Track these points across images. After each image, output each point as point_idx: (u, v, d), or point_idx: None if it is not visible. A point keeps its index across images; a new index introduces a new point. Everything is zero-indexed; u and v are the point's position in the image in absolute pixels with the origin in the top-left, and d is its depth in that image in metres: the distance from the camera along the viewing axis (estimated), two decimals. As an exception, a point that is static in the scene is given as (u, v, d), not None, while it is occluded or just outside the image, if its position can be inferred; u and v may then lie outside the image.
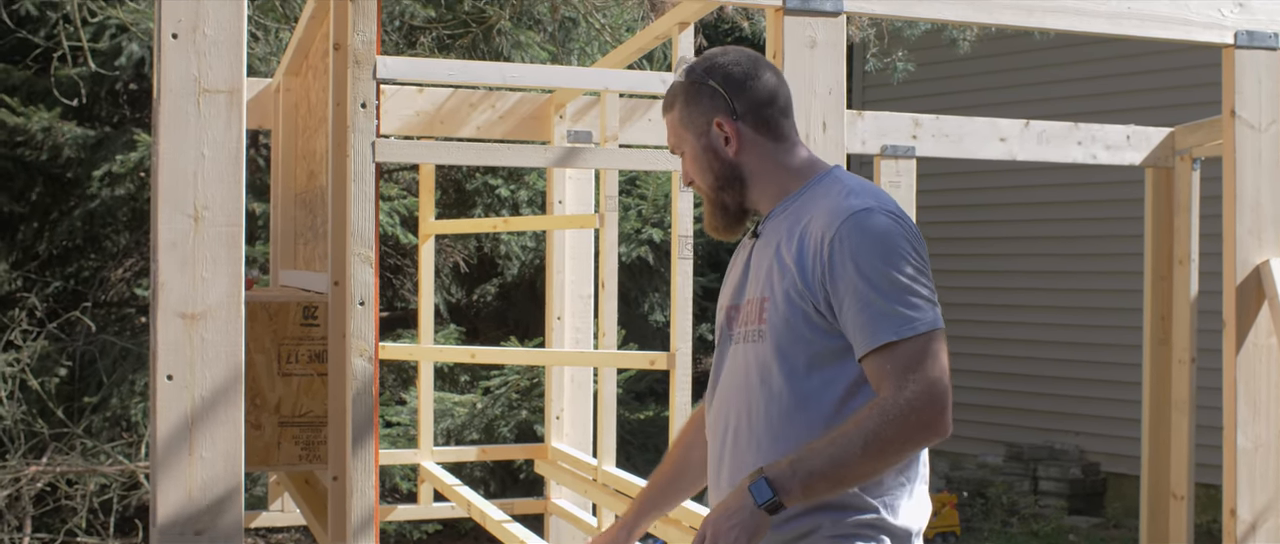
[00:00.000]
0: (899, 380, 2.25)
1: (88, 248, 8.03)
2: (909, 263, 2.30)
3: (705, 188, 2.55)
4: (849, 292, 2.30)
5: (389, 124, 5.08)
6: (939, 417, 2.25)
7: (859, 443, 2.24)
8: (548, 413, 5.39)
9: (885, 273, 2.28)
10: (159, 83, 2.93)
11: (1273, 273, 3.91)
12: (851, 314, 2.30)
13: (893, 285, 2.28)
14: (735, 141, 2.50)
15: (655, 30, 4.21)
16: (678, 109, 2.55)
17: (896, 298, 2.27)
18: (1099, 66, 9.96)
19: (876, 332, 2.27)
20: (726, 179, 2.52)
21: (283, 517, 5.27)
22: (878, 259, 2.29)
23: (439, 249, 8.39)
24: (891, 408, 2.24)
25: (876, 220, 2.32)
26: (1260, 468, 3.92)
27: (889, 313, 2.27)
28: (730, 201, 2.53)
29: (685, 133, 2.54)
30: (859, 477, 2.29)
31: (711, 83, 2.51)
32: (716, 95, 2.50)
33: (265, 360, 3.61)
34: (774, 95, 2.53)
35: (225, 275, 2.95)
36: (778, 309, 2.39)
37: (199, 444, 2.94)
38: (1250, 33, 3.93)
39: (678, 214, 4.09)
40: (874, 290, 2.28)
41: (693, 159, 2.55)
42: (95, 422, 7.19)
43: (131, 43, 7.16)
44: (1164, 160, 5.65)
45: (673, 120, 2.57)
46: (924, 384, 2.24)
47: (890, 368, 2.26)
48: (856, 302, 2.29)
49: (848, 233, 2.31)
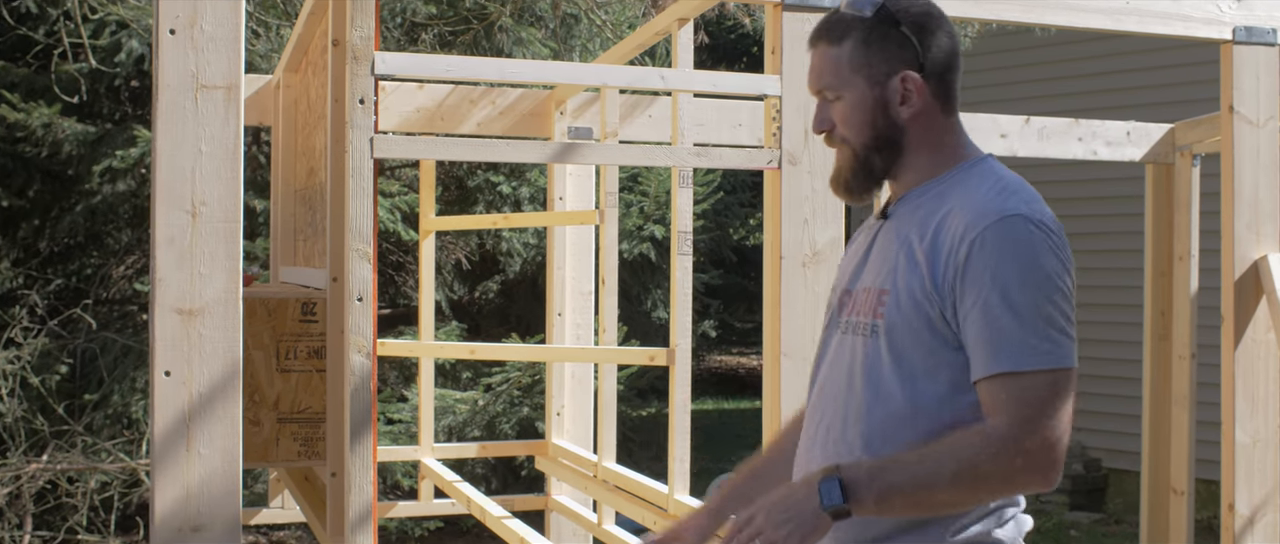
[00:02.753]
0: (1014, 415, 1.99)
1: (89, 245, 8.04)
2: (1056, 287, 2.04)
3: (856, 143, 2.21)
4: (978, 304, 2.03)
5: (389, 120, 5.08)
6: (1050, 468, 1.99)
7: (950, 469, 1.99)
8: (548, 409, 5.39)
9: (1025, 293, 2.02)
10: (157, 79, 2.93)
11: (1270, 268, 3.91)
12: (976, 330, 2.03)
13: (1031, 309, 2.01)
14: (917, 103, 2.19)
15: (655, 26, 4.21)
16: (850, 47, 2.19)
17: (1031, 323, 2.01)
18: (1100, 63, 9.95)
19: (999, 355, 2.01)
20: (886, 141, 2.20)
21: (283, 513, 5.27)
22: (1020, 275, 2.02)
23: (441, 246, 8.40)
24: (998, 441, 1.99)
25: (1028, 231, 2.05)
26: (1258, 463, 3.92)
27: (1019, 339, 2.00)
28: (878, 166, 2.21)
29: (853, 76, 2.19)
30: (941, 505, 2.04)
31: (904, 29, 2.18)
32: (907, 45, 2.18)
33: (264, 357, 3.62)
34: (958, 59, 2.23)
35: (223, 271, 2.95)
36: (899, 307, 2.11)
37: (197, 440, 2.95)
38: (1249, 29, 3.92)
39: (677, 210, 4.09)
40: (1008, 310, 2.01)
41: (853, 107, 2.20)
42: (96, 419, 7.19)
43: (131, 39, 7.17)
44: (1164, 156, 5.65)
45: (837, 57, 2.20)
46: (1041, 427, 1.99)
47: (1005, 398, 2.00)
48: (984, 317, 2.02)
49: (992, 238, 2.04)
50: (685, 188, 4.10)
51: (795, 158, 3.40)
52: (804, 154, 3.40)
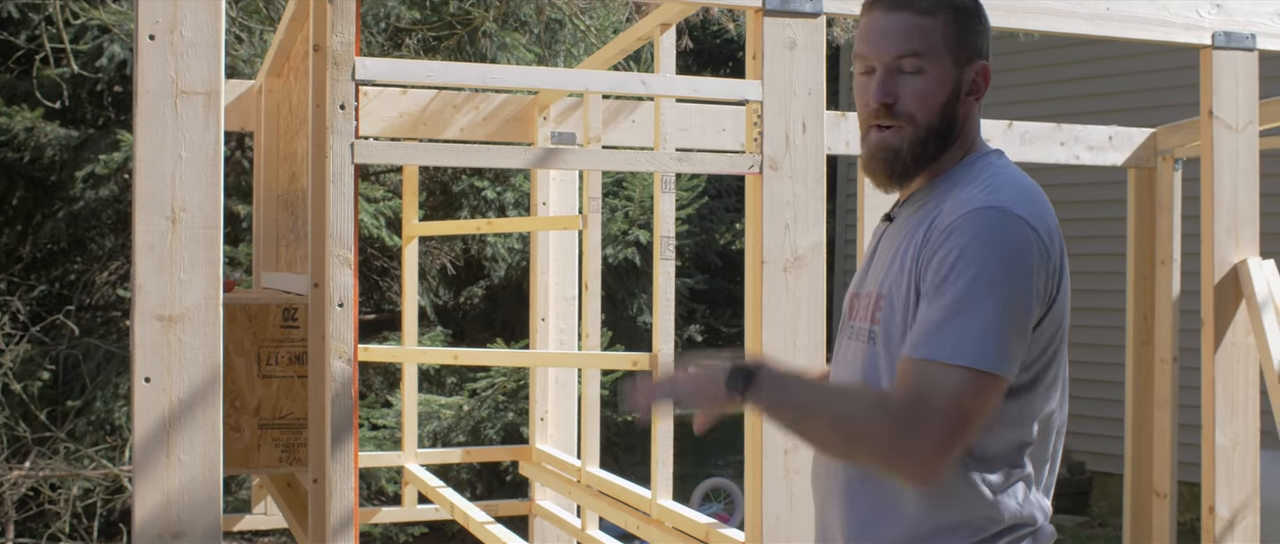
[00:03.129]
0: (911, 393, 1.94)
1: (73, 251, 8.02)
2: (1011, 284, 1.95)
3: (924, 121, 2.11)
4: (929, 290, 1.99)
5: (373, 126, 5.07)
6: (922, 461, 1.91)
7: (835, 412, 1.99)
8: (532, 414, 5.39)
9: (971, 283, 1.94)
10: (137, 84, 2.93)
11: (1250, 272, 3.93)
12: (919, 312, 1.99)
13: (971, 304, 1.93)
14: (979, 96, 2.13)
15: (637, 31, 4.21)
16: (943, 23, 2.09)
17: (967, 319, 1.93)
18: (1082, 68, 9.99)
19: (922, 343, 1.96)
20: (949, 128, 2.11)
21: (267, 520, 5.26)
22: (978, 264, 1.94)
23: (426, 251, 8.39)
24: (883, 411, 1.95)
25: (1003, 222, 1.97)
26: (1238, 465, 3.93)
27: (948, 331, 1.93)
28: (933, 151, 2.12)
29: (943, 53, 2.10)
30: (816, 442, 2.06)
31: (985, 19, 2.14)
32: (985, 36, 2.13)
33: (245, 363, 3.61)
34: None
35: (203, 277, 2.95)
36: (894, 311, 2.07)
37: (177, 447, 2.94)
38: (1228, 34, 3.94)
39: (660, 215, 4.10)
40: (951, 300, 1.95)
41: (937, 84, 2.10)
42: (79, 425, 7.17)
43: (113, 44, 7.16)
44: (1146, 161, 5.67)
45: (929, 28, 2.09)
46: (931, 418, 1.91)
47: (912, 378, 1.95)
48: (929, 302, 1.98)
49: (961, 228, 1.98)
50: (667, 193, 4.10)
51: (776, 163, 3.40)
52: (785, 159, 3.41)
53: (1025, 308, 1.97)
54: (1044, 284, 2.01)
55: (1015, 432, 2.07)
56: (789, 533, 3.40)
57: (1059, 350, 2.11)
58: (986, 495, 2.06)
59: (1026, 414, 2.07)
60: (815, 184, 3.44)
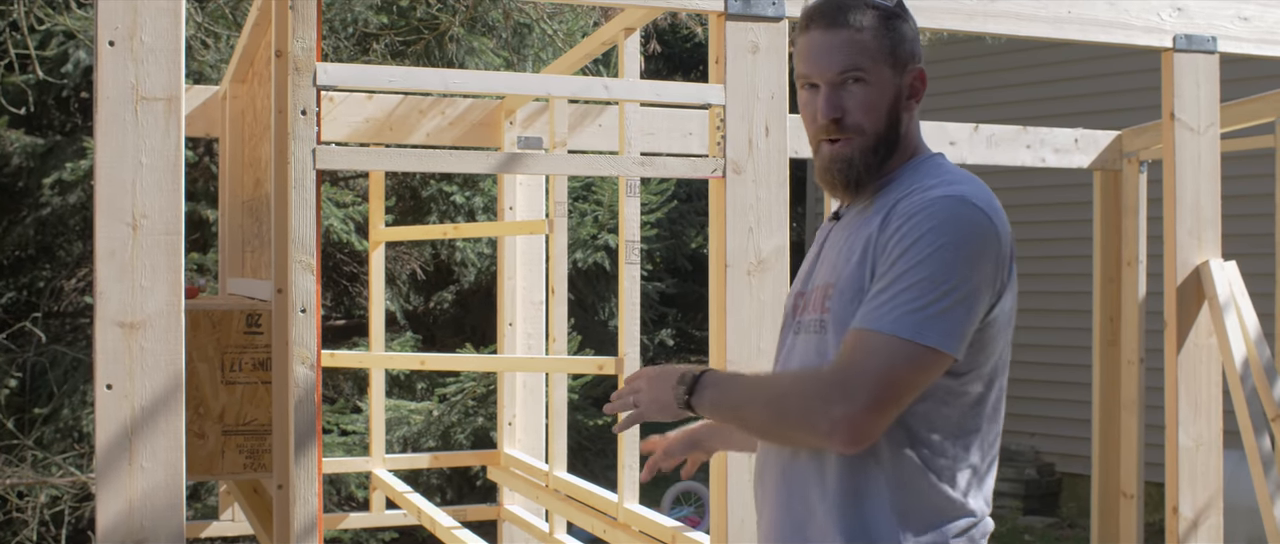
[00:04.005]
0: (841, 362, 2.00)
1: (40, 257, 7.96)
2: (962, 266, 2.00)
3: (872, 131, 2.18)
4: (885, 265, 2.05)
5: (339, 131, 5.06)
6: (846, 422, 1.96)
7: (767, 395, 2.08)
8: (500, 419, 5.38)
9: (927, 262, 2.00)
10: (97, 91, 2.91)
11: (1212, 274, 3.95)
12: (872, 287, 2.06)
13: (916, 280, 2.00)
14: (917, 102, 2.20)
15: (602, 35, 4.21)
16: (875, 35, 2.16)
17: (911, 293, 1.99)
18: (1047, 70, 10.05)
19: (864, 314, 2.02)
20: (893, 135, 2.19)
21: (233, 526, 5.24)
22: (933, 245, 2.01)
23: (396, 256, 8.37)
24: (813, 380, 2.02)
25: (962, 209, 2.04)
26: (1202, 466, 3.96)
27: (891, 305, 1.99)
28: (881, 157, 2.19)
29: (881, 62, 2.17)
30: (755, 428, 2.14)
31: (914, 24, 2.20)
32: (916, 40, 2.19)
33: (209, 369, 3.59)
34: None
35: (164, 284, 2.93)
36: (842, 297, 2.12)
37: (139, 454, 2.92)
38: (1188, 36, 3.97)
39: (625, 219, 4.10)
40: (898, 278, 2.01)
41: (879, 93, 2.17)
42: (46, 433, 7.12)
43: (79, 50, 7.12)
44: (1112, 163, 5.71)
45: (863, 41, 2.16)
46: (860, 382, 1.96)
47: (848, 349, 2.01)
48: (880, 281, 2.04)
49: (925, 210, 2.04)
50: (632, 197, 4.11)
51: (739, 167, 3.41)
52: (748, 163, 3.42)
53: (975, 292, 2.02)
54: (994, 273, 2.06)
55: (963, 418, 2.11)
56: (754, 536, 3.40)
57: (1008, 345, 2.16)
58: (935, 486, 2.09)
59: (972, 401, 2.11)
60: (778, 188, 3.45)
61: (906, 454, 2.08)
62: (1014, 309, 2.15)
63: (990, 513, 2.19)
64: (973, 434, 2.12)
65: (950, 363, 2.02)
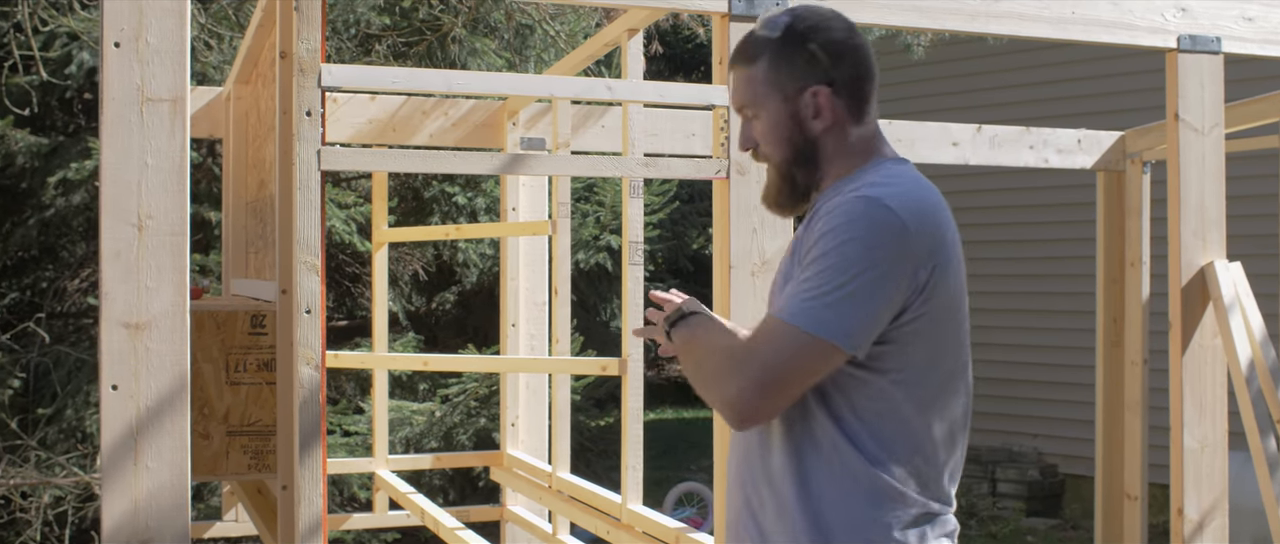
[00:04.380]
0: (747, 342, 2.14)
1: (44, 258, 7.97)
2: (849, 257, 2.08)
3: (777, 159, 2.31)
4: (803, 263, 2.16)
5: (342, 132, 5.06)
6: (732, 400, 2.10)
7: (702, 354, 2.22)
8: (503, 420, 5.38)
9: (833, 256, 2.09)
10: (102, 92, 2.92)
11: (1217, 274, 3.95)
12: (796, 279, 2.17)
13: (828, 270, 2.09)
14: (827, 116, 2.26)
15: (605, 37, 4.22)
16: (763, 67, 2.28)
17: (814, 286, 2.09)
18: (1050, 71, 10.05)
19: (776, 305, 2.17)
20: (804, 155, 2.29)
21: (237, 527, 5.24)
22: (840, 241, 2.09)
23: (399, 257, 8.38)
24: (725, 356, 2.15)
25: (869, 209, 2.11)
26: (1207, 467, 3.96)
27: (799, 296, 2.10)
28: (801, 179, 2.31)
29: (768, 95, 2.28)
30: (690, 379, 2.27)
31: (813, 46, 2.26)
32: (815, 61, 2.26)
33: (213, 370, 3.60)
34: (870, 73, 2.30)
35: (170, 285, 2.94)
36: (774, 293, 2.32)
37: (144, 454, 2.93)
38: (1193, 37, 3.97)
39: (629, 220, 4.10)
40: (815, 265, 2.11)
41: (770, 125, 2.29)
42: (50, 433, 7.13)
43: (83, 51, 7.12)
44: (1115, 164, 5.71)
45: (752, 77, 2.29)
46: (758, 361, 2.09)
47: (754, 332, 2.16)
48: (798, 274, 2.16)
49: (836, 211, 2.13)
50: (636, 198, 4.11)
51: (743, 168, 3.41)
52: (752, 164, 3.42)
53: (878, 288, 2.09)
54: (909, 270, 2.11)
55: (895, 413, 2.17)
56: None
57: (947, 344, 2.20)
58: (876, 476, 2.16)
59: (903, 398, 2.17)
60: (783, 188, 3.44)
61: (842, 444, 2.16)
62: (952, 311, 2.19)
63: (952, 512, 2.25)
64: (909, 430, 2.18)
65: (842, 355, 2.10)
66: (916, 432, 2.18)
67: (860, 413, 2.16)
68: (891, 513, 2.16)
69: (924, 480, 2.19)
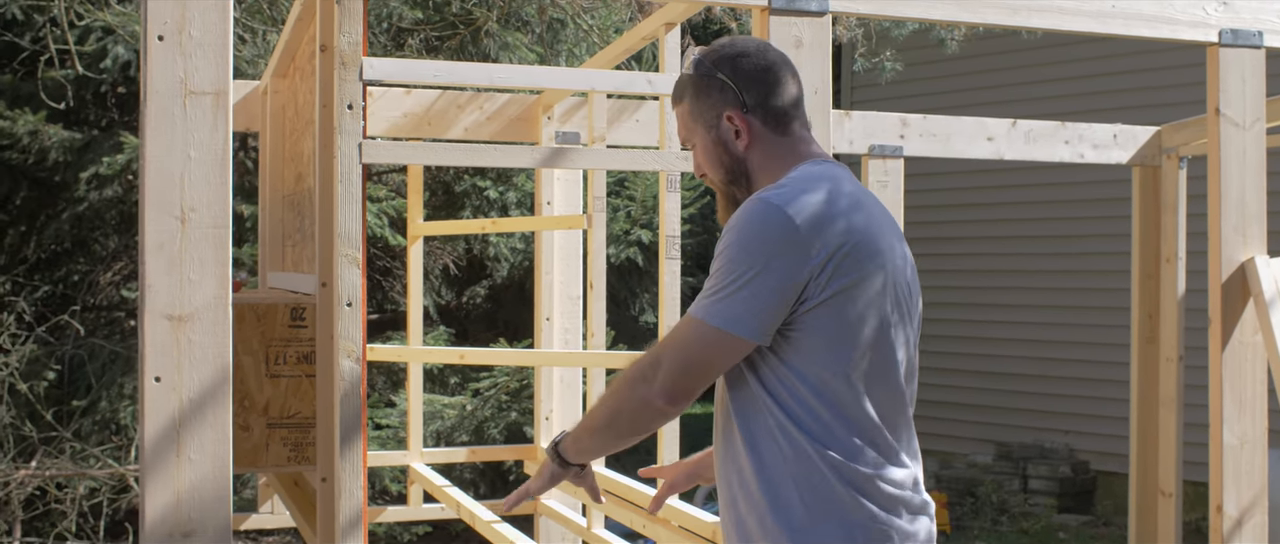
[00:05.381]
0: (651, 349, 2.35)
1: (77, 251, 8.02)
2: (752, 255, 2.26)
3: (717, 181, 2.54)
4: (712, 267, 2.36)
5: (377, 125, 5.08)
6: (649, 396, 2.28)
7: (604, 410, 2.38)
8: (537, 414, 5.39)
9: (724, 255, 2.30)
10: (145, 85, 2.93)
11: (1258, 270, 3.92)
12: None
13: (720, 268, 2.30)
14: (746, 135, 2.47)
15: (642, 31, 4.21)
16: (687, 102, 2.53)
17: (713, 283, 2.30)
18: (1086, 66, 9.99)
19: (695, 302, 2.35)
20: (735, 173, 2.51)
21: (272, 519, 5.26)
22: (728, 241, 2.30)
23: (429, 251, 8.39)
24: (629, 373, 2.34)
25: (750, 209, 2.31)
26: (1246, 464, 3.93)
27: (705, 290, 2.32)
28: (740, 195, 2.51)
29: (695, 126, 2.52)
30: (609, 440, 2.43)
31: (720, 75, 2.48)
32: (726, 88, 2.47)
33: (253, 362, 3.61)
34: (781, 87, 2.49)
35: (212, 277, 2.95)
36: None
37: (187, 446, 2.94)
38: (1234, 31, 3.94)
39: (665, 214, 4.10)
40: (713, 266, 2.33)
41: (704, 152, 2.53)
42: (84, 425, 7.17)
43: (117, 45, 7.16)
44: (1151, 159, 5.67)
45: (682, 113, 2.55)
46: (665, 358, 2.29)
47: (668, 334, 2.37)
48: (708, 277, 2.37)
49: (736, 218, 2.34)
50: (673, 192, 4.11)
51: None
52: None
53: (767, 278, 2.25)
54: (799, 259, 2.25)
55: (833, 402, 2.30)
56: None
57: (864, 324, 2.31)
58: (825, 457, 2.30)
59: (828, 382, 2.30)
60: (822, 183, 3.43)
61: (789, 427, 2.31)
62: (867, 293, 2.30)
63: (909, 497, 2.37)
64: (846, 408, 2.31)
65: (745, 344, 2.28)
66: (853, 409, 2.31)
67: (797, 397, 2.31)
68: (848, 490, 2.30)
69: (879, 453, 2.33)
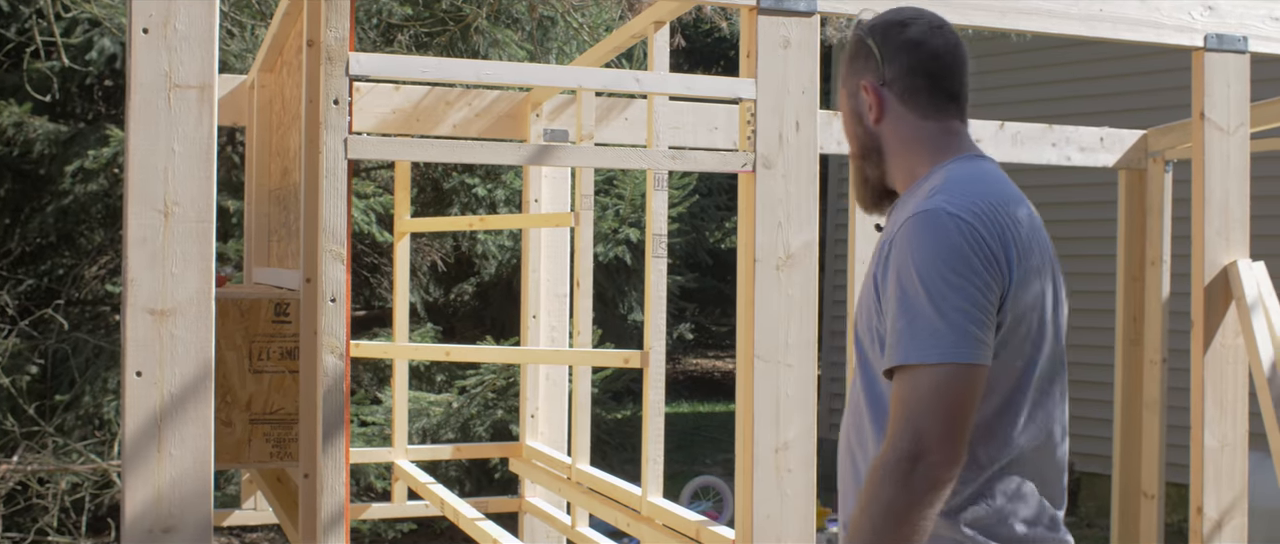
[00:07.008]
0: (894, 424, 2.03)
1: (61, 245, 7.99)
2: (950, 276, 2.04)
3: (851, 153, 2.39)
4: (887, 299, 2.11)
5: (365, 121, 5.07)
6: (939, 456, 1.99)
7: (871, 525, 2.02)
8: (522, 411, 5.39)
9: (914, 284, 2.05)
10: (130, 78, 2.92)
11: (1240, 274, 3.94)
12: (887, 323, 2.11)
13: (917, 300, 2.04)
14: (876, 109, 2.30)
15: (631, 29, 4.21)
16: (843, 65, 2.38)
17: (916, 315, 2.04)
18: (1073, 69, 10.01)
19: (893, 350, 2.07)
20: (867, 148, 2.34)
21: (256, 515, 5.25)
22: (915, 266, 2.05)
23: (417, 248, 8.38)
24: (885, 467, 2.02)
25: (934, 222, 2.07)
26: (1227, 466, 3.95)
27: (904, 332, 2.04)
28: (871, 174, 2.35)
29: (842, 90, 2.37)
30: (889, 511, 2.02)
31: (870, 42, 2.31)
32: (871, 57, 2.31)
33: (236, 357, 3.60)
34: (931, 65, 2.28)
35: (195, 272, 2.94)
36: (860, 317, 2.24)
37: (168, 441, 2.93)
38: (1219, 36, 3.95)
39: (653, 213, 4.10)
40: (901, 303, 2.06)
41: (842, 119, 2.38)
42: (67, 420, 7.15)
43: (103, 37, 7.13)
44: (1137, 162, 5.68)
45: (841, 69, 2.40)
46: (917, 425, 2.00)
47: (895, 400, 2.06)
48: (890, 311, 2.09)
49: (904, 235, 2.10)
50: (660, 190, 4.11)
51: (770, 161, 3.41)
52: (778, 157, 3.41)
53: (969, 294, 2.04)
54: (985, 267, 2.07)
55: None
56: (780, 531, 3.40)
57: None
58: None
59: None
60: (808, 183, 3.44)
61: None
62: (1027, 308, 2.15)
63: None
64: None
65: (982, 371, 2.06)
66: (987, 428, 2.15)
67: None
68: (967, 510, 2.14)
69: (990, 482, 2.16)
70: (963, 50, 2.33)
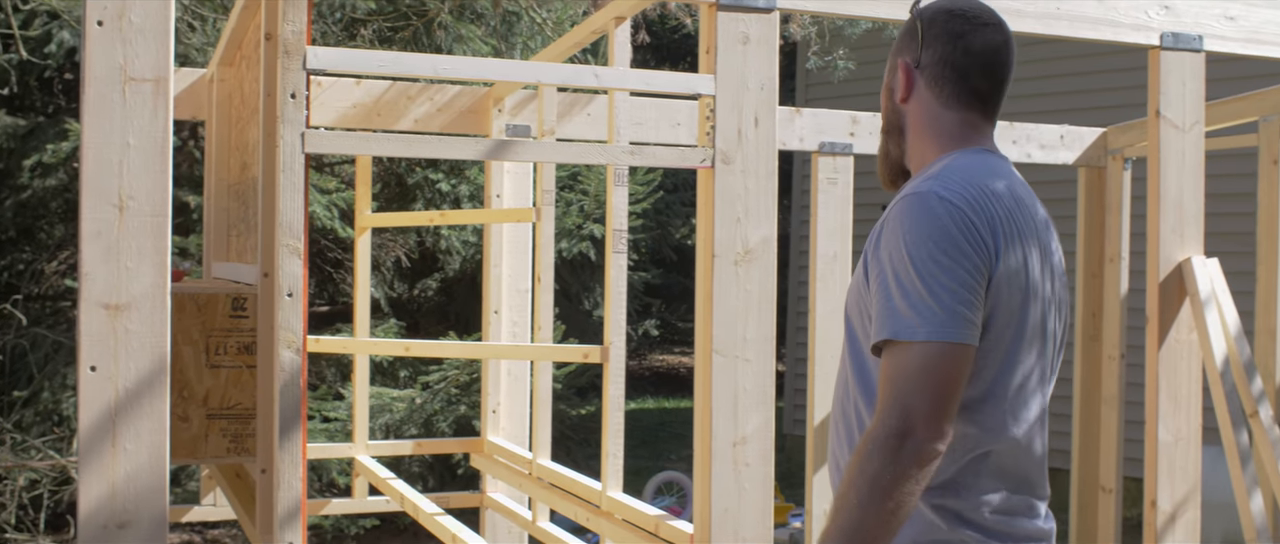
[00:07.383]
0: (882, 401, 2.06)
1: (21, 240, 7.93)
2: (940, 256, 2.07)
3: (881, 128, 2.44)
4: (875, 278, 2.14)
5: (326, 116, 5.05)
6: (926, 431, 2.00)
7: (856, 498, 2.01)
8: (484, 407, 5.38)
9: (905, 263, 2.08)
10: (85, 71, 2.90)
11: (1194, 270, 3.97)
12: (873, 301, 2.14)
13: (907, 278, 2.07)
14: (904, 88, 2.35)
15: (592, 24, 4.21)
16: (897, 39, 2.42)
17: (905, 293, 2.06)
18: (1035, 67, 10.07)
19: (879, 326, 2.10)
20: (891, 124, 2.40)
21: (215, 511, 5.23)
22: (906, 246, 2.09)
23: (381, 244, 8.36)
24: (873, 441, 2.03)
25: (924, 204, 2.11)
26: (1180, 460, 3.98)
27: (893, 308, 2.07)
28: (893, 151, 2.40)
29: (888, 63, 2.42)
30: (880, 529, 2.01)
31: (918, 23, 2.35)
32: (914, 37, 2.35)
33: (193, 352, 3.59)
34: (964, 60, 2.30)
35: (150, 266, 2.93)
36: (850, 298, 2.29)
37: (123, 437, 2.92)
38: (1176, 35, 3.99)
39: (613, 208, 4.10)
40: (891, 280, 2.09)
41: (883, 91, 2.43)
42: (26, 416, 7.10)
43: (62, 30, 7.08)
44: (1096, 160, 5.73)
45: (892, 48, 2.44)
46: (906, 401, 2.02)
47: (882, 376, 2.08)
48: (877, 289, 2.13)
49: (896, 216, 2.13)
50: (620, 186, 4.11)
51: (728, 157, 3.42)
52: (737, 153, 3.42)
53: (958, 276, 2.07)
54: (974, 250, 2.10)
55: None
56: (737, 525, 3.42)
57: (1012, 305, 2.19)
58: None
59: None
60: (767, 178, 3.45)
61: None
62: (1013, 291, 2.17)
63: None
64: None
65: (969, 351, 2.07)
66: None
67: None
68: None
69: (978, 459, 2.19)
70: (1005, 54, 2.34)
